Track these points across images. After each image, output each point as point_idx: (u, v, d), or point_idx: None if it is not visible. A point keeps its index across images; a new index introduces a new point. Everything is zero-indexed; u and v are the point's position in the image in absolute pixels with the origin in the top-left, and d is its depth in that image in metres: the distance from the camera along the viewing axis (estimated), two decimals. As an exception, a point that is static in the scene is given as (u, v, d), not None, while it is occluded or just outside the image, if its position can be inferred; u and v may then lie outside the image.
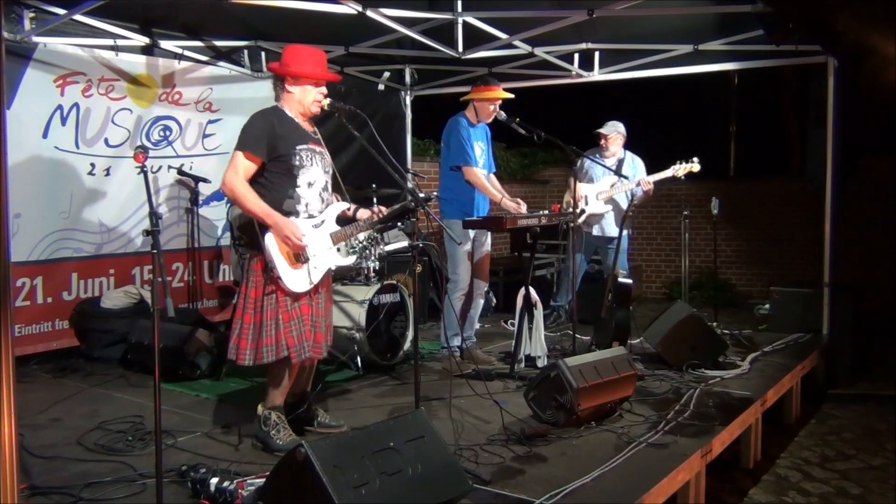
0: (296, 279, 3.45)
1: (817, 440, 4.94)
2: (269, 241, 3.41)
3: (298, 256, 3.47)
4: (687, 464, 3.36)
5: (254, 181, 3.50)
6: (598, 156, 6.27)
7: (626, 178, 5.97)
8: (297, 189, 3.51)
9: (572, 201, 5.11)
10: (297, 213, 3.50)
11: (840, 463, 4.54)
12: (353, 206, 3.79)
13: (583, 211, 6.09)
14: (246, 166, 3.46)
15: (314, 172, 3.58)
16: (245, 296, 3.50)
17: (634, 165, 6.27)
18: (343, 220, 3.72)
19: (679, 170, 5.94)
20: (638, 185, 6.01)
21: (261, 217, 3.42)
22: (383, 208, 3.76)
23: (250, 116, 3.57)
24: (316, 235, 3.55)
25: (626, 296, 5.30)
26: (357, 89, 7.35)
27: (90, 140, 5.56)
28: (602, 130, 6.24)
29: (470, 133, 5.11)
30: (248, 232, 3.52)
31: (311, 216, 3.56)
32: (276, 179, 3.49)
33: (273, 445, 3.49)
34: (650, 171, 6.22)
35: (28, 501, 2.94)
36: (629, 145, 6.35)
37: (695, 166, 5.94)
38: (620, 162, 6.23)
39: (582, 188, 6.10)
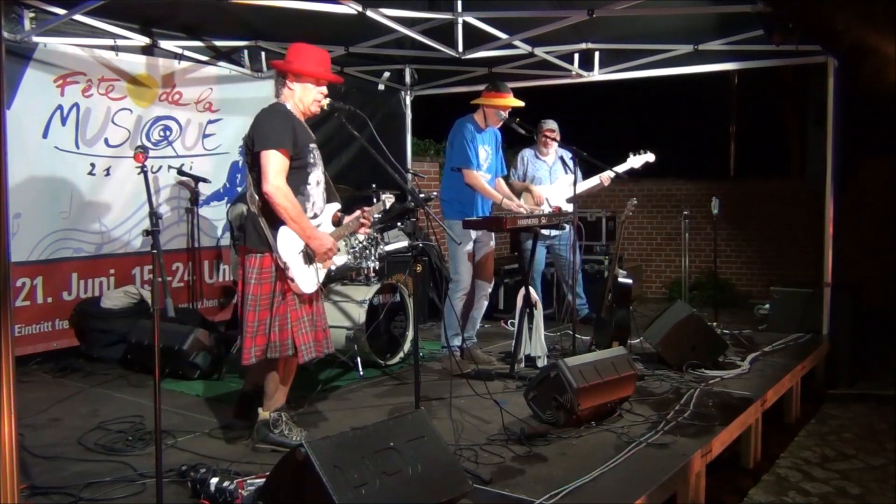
0: (306, 280, 3.46)
1: (817, 440, 4.94)
2: (283, 241, 3.39)
3: (309, 258, 3.47)
4: (687, 464, 3.36)
5: None
6: (537, 154, 6.30)
7: (615, 171, 5.80)
8: (308, 186, 3.51)
9: (535, 208, 5.09)
10: (305, 212, 3.49)
11: (840, 463, 4.53)
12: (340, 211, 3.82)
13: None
14: (285, 166, 3.36)
15: (320, 171, 3.60)
16: (249, 294, 3.42)
17: (570, 159, 6.24)
18: (335, 223, 3.74)
19: (635, 161, 5.92)
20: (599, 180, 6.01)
21: (302, 235, 3.39)
22: (366, 208, 3.78)
23: (264, 113, 3.47)
24: None
25: (626, 296, 5.30)
26: (357, 89, 7.35)
27: (90, 140, 5.56)
28: (551, 127, 6.18)
29: (474, 136, 5.11)
30: (252, 229, 3.46)
31: (315, 215, 3.57)
32: (289, 177, 3.41)
33: (292, 445, 3.46)
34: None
35: (28, 501, 2.94)
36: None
37: (649, 156, 5.92)
38: (562, 159, 6.24)
39: (542, 190, 6.08)
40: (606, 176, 5.93)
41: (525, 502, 2.91)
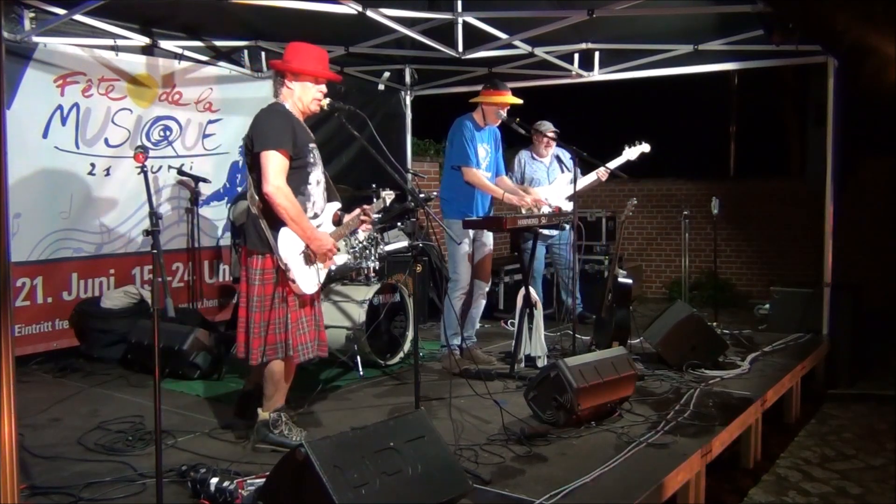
0: (307, 281, 3.47)
1: (817, 440, 4.94)
2: (284, 242, 3.39)
3: (310, 258, 3.47)
4: (687, 464, 3.36)
5: None
6: (533, 155, 6.27)
7: (607, 167, 5.72)
8: (308, 186, 3.51)
9: (535, 208, 5.09)
10: (305, 212, 3.50)
11: (840, 463, 4.54)
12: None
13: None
14: (285, 166, 3.37)
15: (320, 171, 3.61)
16: (254, 296, 3.44)
17: (569, 159, 6.20)
18: (335, 222, 3.74)
19: (631, 153, 5.87)
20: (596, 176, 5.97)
21: (302, 235, 3.40)
22: (366, 206, 3.79)
23: (263, 114, 3.48)
24: None
25: (626, 296, 5.30)
26: (357, 89, 7.34)
27: (90, 140, 5.56)
28: (550, 129, 6.08)
29: (473, 135, 5.11)
30: (253, 231, 3.47)
31: (315, 215, 3.58)
32: (290, 177, 3.42)
33: (292, 445, 3.46)
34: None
35: (28, 501, 2.94)
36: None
37: (644, 147, 5.86)
38: (557, 158, 6.23)
39: (541, 191, 6.06)
40: (603, 171, 5.92)
41: (525, 502, 2.91)
